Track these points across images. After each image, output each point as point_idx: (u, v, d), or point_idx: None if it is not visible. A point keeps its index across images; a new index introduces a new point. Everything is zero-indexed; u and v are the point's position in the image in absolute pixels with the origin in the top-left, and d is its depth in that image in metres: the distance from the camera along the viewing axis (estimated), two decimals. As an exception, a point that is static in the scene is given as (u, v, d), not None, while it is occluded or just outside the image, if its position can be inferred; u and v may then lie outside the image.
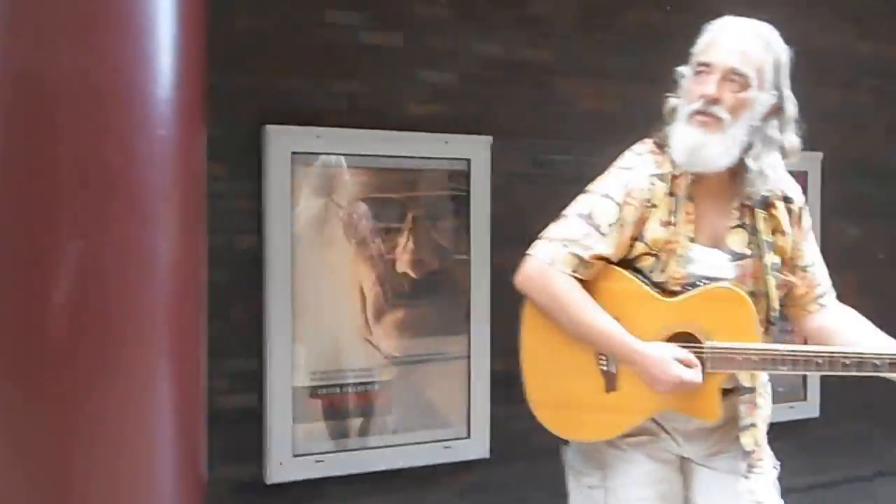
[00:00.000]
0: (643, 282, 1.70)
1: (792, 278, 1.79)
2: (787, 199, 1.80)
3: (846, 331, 1.78)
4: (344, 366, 3.08)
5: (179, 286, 1.45)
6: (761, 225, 1.75)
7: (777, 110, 1.71)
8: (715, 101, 1.67)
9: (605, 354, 1.71)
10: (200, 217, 1.52)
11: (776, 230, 1.77)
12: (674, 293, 1.70)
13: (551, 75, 3.59)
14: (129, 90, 1.40)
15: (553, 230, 1.74)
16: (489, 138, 3.38)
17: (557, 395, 1.76)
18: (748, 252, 1.75)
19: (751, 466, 1.74)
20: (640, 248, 1.70)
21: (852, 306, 1.87)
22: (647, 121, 3.63)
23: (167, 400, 1.44)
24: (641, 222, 1.69)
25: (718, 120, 1.67)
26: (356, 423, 3.11)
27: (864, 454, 4.35)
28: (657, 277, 1.70)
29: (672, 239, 1.70)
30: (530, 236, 3.48)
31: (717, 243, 1.75)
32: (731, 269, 1.73)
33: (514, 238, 3.46)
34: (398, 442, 3.18)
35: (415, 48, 3.36)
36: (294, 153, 2.98)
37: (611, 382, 1.71)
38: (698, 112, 1.68)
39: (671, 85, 3.74)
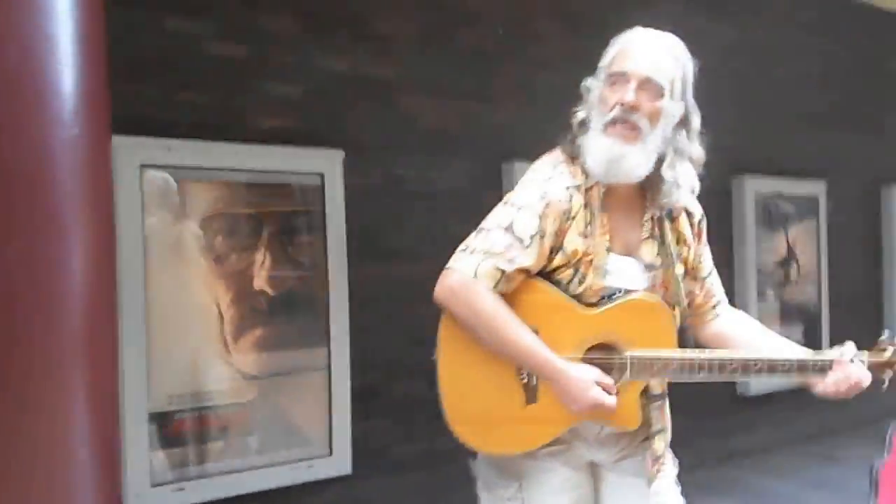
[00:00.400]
0: (563, 294, 1.68)
1: (694, 288, 1.85)
2: (687, 211, 1.82)
3: (741, 335, 1.86)
4: (203, 388, 2.93)
5: (91, 293, 1.33)
6: (669, 236, 1.77)
7: (684, 121, 1.72)
8: (633, 108, 1.65)
9: (528, 370, 1.67)
10: (110, 221, 1.41)
11: (680, 241, 1.80)
12: (590, 304, 1.68)
13: (394, 92, 3.65)
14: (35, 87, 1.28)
15: (474, 242, 1.65)
16: (341, 152, 3.37)
17: (476, 410, 1.68)
18: (658, 263, 1.76)
19: (657, 469, 1.78)
20: (559, 259, 1.66)
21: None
22: (486, 137, 3.84)
23: (82, 405, 1.32)
24: (561, 234, 1.66)
25: (636, 129, 1.66)
26: (217, 446, 2.97)
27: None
28: (574, 289, 1.68)
29: (590, 251, 1.67)
30: (386, 250, 3.56)
31: (629, 254, 1.74)
32: (644, 280, 1.74)
33: (370, 252, 3.51)
34: (260, 463, 3.07)
35: (260, 60, 3.29)
36: (143, 166, 2.80)
37: (531, 395, 1.67)
38: (616, 120, 1.66)
39: (507, 103, 3.95)
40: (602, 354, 1.69)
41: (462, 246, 1.67)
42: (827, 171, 5.62)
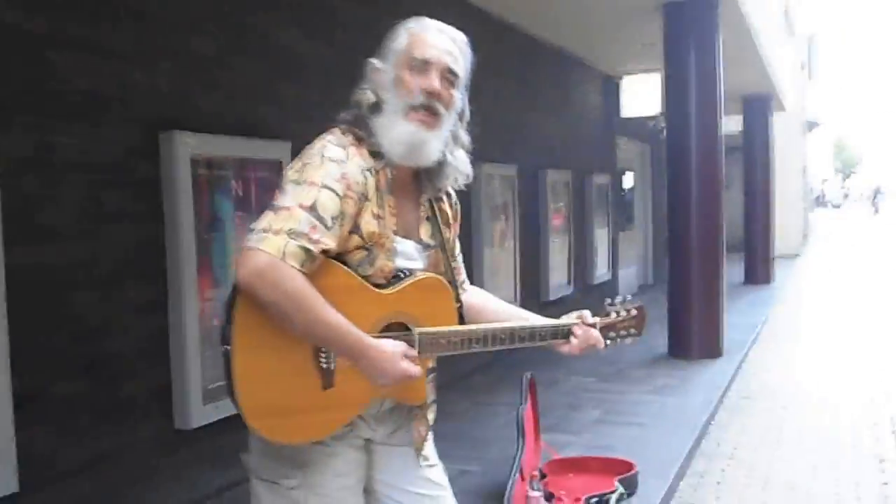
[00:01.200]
0: (355, 275, 1.68)
1: (452, 266, 1.95)
2: (448, 195, 1.94)
3: (491, 308, 2.02)
4: None
5: None
6: (440, 217, 1.88)
7: (461, 110, 1.84)
8: (437, 96, 1.72)
9: (335, 351, 1.65)
10: None
11: (446, 222, 1.91)
12: (378, 286, 1.71)
13: (46, 48, 3.12)
14: None
15: (276, 222, 1.56)
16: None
17: (273, 400, 1.62)
18: (432, 243, 1.86)
19: (424, 438, 1.90)
20: (355, 241, 1.67)
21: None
22: (146, 104, 3.49)
23: None
24: (357, 216, 1.66)
25: (437, 116, 1.73)
26: None
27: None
28: (365, 271, 1.70)
29: (382, 233, 1.71)
30: (42, 230, 3.04)
31: (409, 235, 1.80)
32: (423, 260, 1.82)
33: (25, 233, 2.97)
34: None
35: None
36: None
37: (328, 380, 1.65)
38: (419, 107, 1.71)
39: (165, 67, 3.60)
40: (394, 333, 1.73)
41: (260, 225, 1.57)
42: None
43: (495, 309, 2.00)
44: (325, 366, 1.65)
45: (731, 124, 10.14)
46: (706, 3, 7.04)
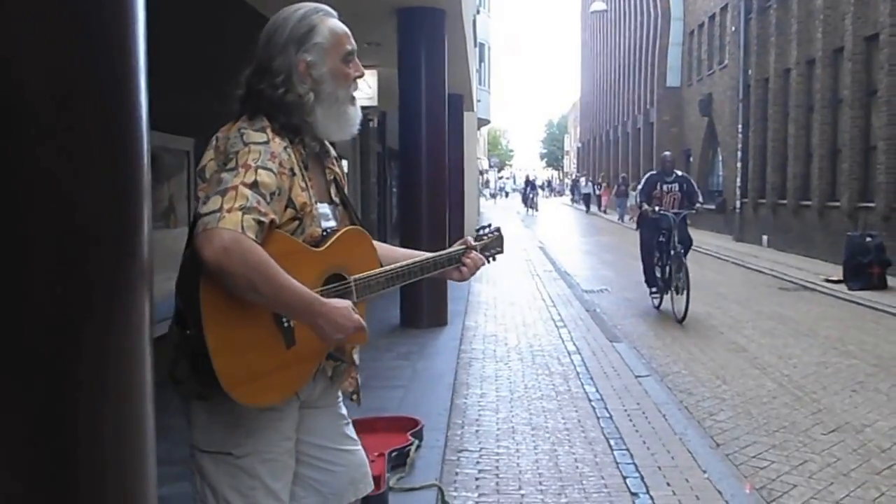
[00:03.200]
0: (293, 238, 1.77)
1: None
2: (336, 157, 2.07)
3: (384, 250, 2.14)
4: None
5: None
6: (338, 178, 2.02)
7: None
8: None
9: (293, 316, 1.71)
10: None
11: (342, 181, 2.05)
12: (311, 245, 1.82)
13: None
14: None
15: (225, 201, 1.61)
16: None
17: (247, 367, 1.66)
18: (337, 201, 1.99)
19: (357, 381, 2.04)
20: (289, 213, 1.75)
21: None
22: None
23: None
24: (289, 190, 1.74)
25: None
26: None
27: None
28: (297, 238, 1.79)
29: (308, 202, 1.80)
30: None
31: (323, 199, 1.92)
32: (335, 219, 1.95)
33: None
34: None
35: None
36: None
37: (290, 338, 1.73)
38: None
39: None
40: (333, 285, 1.85)
41: (211, 208, 1.61)
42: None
43: (389, 250, 2.19)
44: (286, 324, 1.73)
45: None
46: (435, 10, 7.65)
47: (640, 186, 10.20)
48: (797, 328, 8.89)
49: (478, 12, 22.38)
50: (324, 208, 1.90)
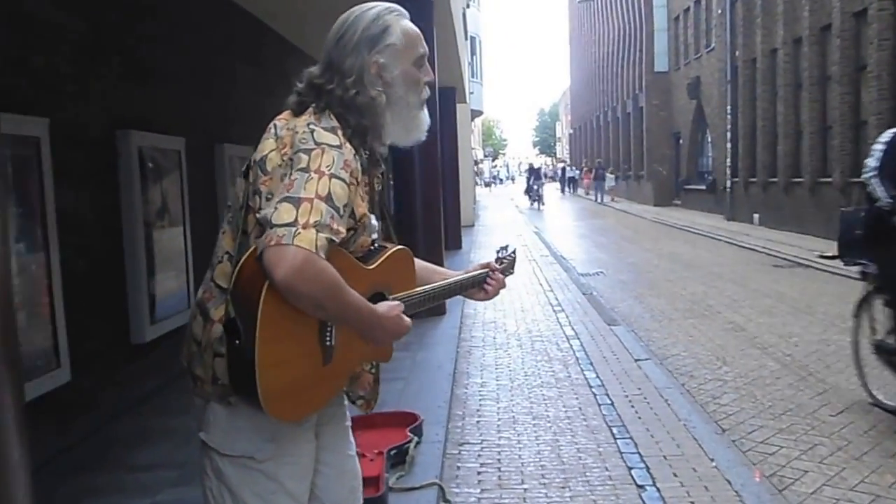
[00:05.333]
0: (349, 254, 1.67)
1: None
2: (385, 171, 1.93)
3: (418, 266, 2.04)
4: None
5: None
6: (384, 189, 1.92)
7: None
8: None
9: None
10: None
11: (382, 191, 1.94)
12: (361, 259, 1.72)
13: None
14: None
15: (300, 214, 1.48)
16: None
17: (287, 383, 1.57)
18: (378, 214, 1.85)
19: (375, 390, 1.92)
20: (349, 223, 1.63)
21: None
22: None
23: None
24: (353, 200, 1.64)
25: None
26: None
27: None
28: (348, 248, 1.67)
29: (366, 213, 1.72)
30: None
31: (373, 210, 1.81)
32: (378, 231, 1.85)
33: None
34: None
35: None
36: None
37: (328, 355, 1.64)
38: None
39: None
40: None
41: (285, 220, 1.47)
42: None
43: (421, 268, 2.06)
44: (328, 343, 1.63)
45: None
46: (424, 1, 7.35)
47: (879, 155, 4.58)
48: (795, 306, 8.66)
49: (468, 6, 22.04)
50: (373, 219, 1.80)
